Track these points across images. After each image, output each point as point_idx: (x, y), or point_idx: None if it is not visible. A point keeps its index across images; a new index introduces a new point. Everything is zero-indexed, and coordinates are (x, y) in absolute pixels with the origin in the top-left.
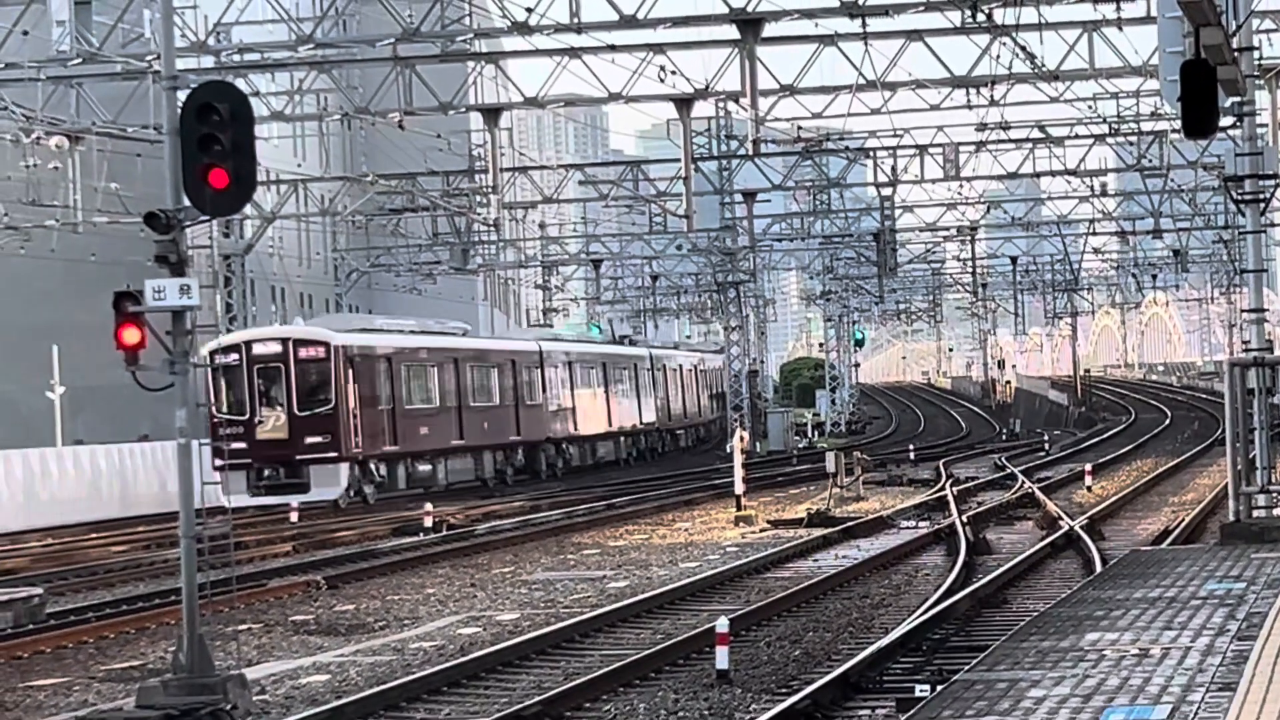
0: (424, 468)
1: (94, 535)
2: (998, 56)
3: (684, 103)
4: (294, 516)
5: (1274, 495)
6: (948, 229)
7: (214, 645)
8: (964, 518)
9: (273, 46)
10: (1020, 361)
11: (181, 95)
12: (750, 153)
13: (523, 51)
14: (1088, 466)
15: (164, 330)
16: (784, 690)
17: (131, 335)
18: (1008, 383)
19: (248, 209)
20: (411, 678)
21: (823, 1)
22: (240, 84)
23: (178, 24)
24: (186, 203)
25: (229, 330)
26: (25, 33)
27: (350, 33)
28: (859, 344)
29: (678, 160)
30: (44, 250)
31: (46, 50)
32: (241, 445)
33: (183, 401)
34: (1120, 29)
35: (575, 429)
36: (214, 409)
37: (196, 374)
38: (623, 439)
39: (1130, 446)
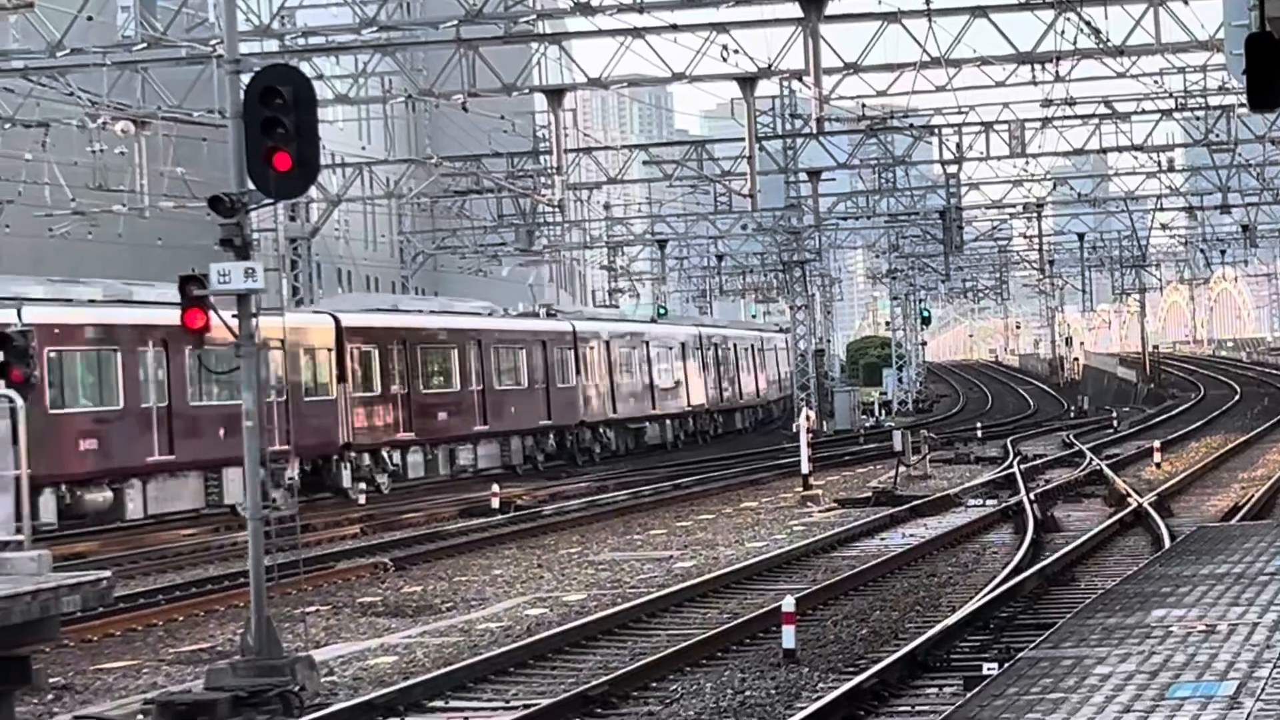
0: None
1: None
2: (1063, 32)
3: (748, 82)
4: (361, 499)
5: None
6: (1014, 206)
7: (282, 627)
8: (1031, 495)
9: (336, 29)
10: (1088, 338)
11: (245, 79)
12: (815, 131)
13: (586, 32)
14: (1156, 443)
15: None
16: (850, 669)
17: (197, 319)
18: (1075, 360)
19: (313, 192)
20: (478, 659)
21: None
22: (304, 67)
23: (241, 8)
24: (251, 186)
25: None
26: (90, 18)
27: (414, 15)
28: (925, 322)
29: (742, 139)
30: (111, 235)
31: (112, 36)
32: None
33: (249, 384)
34: (1186, 2)
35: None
36: None
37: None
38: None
39: (1199, 423)
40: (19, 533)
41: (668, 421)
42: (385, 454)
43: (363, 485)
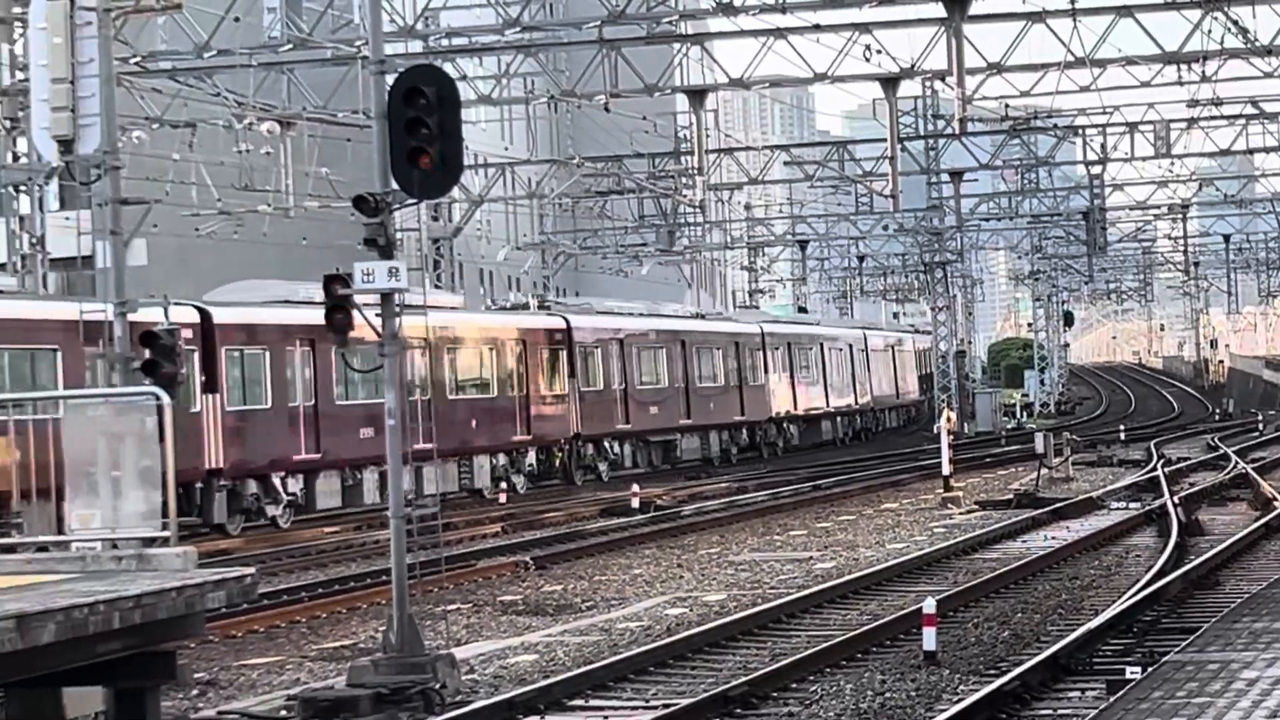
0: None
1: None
2: (1209, 31)
3: (890, 82)
4: (502, 498)
5: None
6: (1159, 207)
7: (423, 625)
8: (1175, 498)
9: (480, 30)
10: (1233, 340)
11: (390, 80)
12: (957, 132)
13: (728, 32)
14: None
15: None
16: (992, 671)
17: (341, 318)
18: (1220, 362)
19: (455, 192)
20: (618, 658)
21: None
22: (447, 68)
23: (386, 9)
24: (395, 186)
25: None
26: (237, 20)
27: (556, 16)
28: (1068, 323)
29: (884, 140)
30: (256, 235)
31: (258, 37)
32: None
33: (392, 383)
34: None
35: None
36: None
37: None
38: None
39: None
40: (165, 529)
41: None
42: (606, 444)
43: (502, 484)
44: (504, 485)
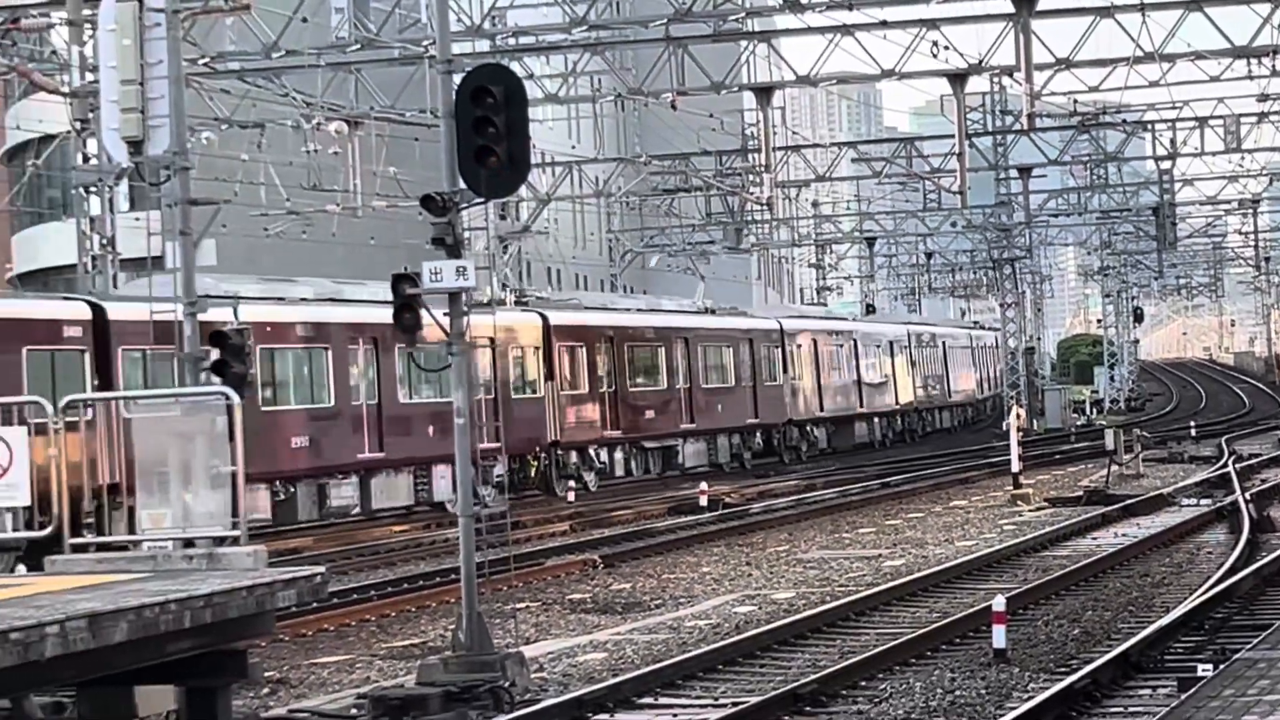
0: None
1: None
2: (1279, 25)
3: (958, 78)
4: (570, 495)
5: None
6: (1229, 202)
7: (493, 623)
8: (1247, 495)
9: (547, 29)
10: None
11: (457, 79)
12: (1025, 127)
13: (795, 30)
14: None
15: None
16: (1062, 669)
17: (409, 317)
18: None
19: (523, 191)
20: (687, 656)
21: None
22: (514, 67)
23: (453, 9)
24: (462, 185)
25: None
26: (305, 20)
27: (623, 14)
28: (1138, 319)
29: (952, 136)
30: (325, 234)
31: (326, 37)
32: None
33: (460, 381)
34: None
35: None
36: None
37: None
38: (876, 420)
39: None
40: (235, 528)
41: (875, 420)
42: (591, 452)
43: (571, 483)
44: (572, 485)
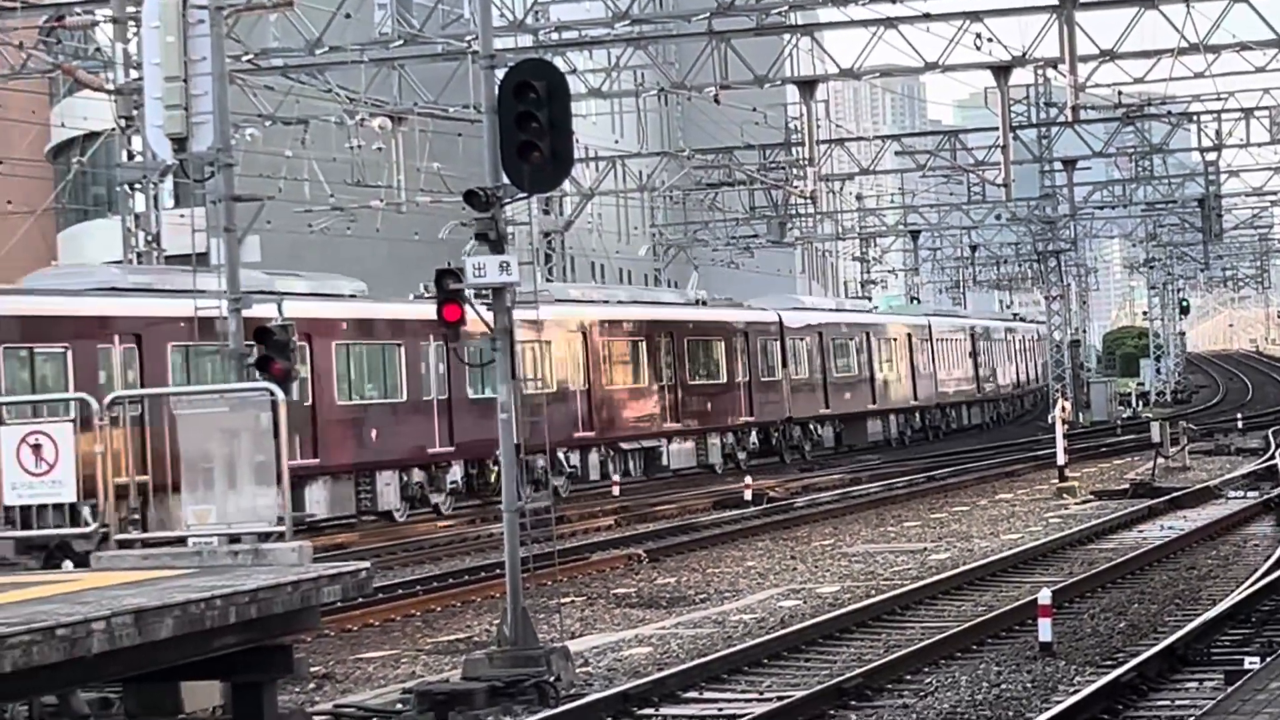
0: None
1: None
2: None
3: (1002, 71)
4: (615, 490)
5: None
6: (1275, 193)
7: (538, 618)
8: None
9: (589, 24)
10: None
11: (500, 74)
12: (1070, 120)
13: (838, 23)
14: None
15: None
16: (1108, 663)
17: (453, 312)
18: None
19: (566, 186)
20: (732, 650)
21: None
22: (557, 62)
23: (495, 4)
24: (505, 180)
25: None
26: (348, 16)
27: (666, 8)
28: (1184, 311)
29: (996, 129)
30: (369, 230)
31: (369, 33)
32: None
33: (504, 377)
34: None
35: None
36: None
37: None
38: (893, 418)
39: None
40: (281, 524)
41: (891, 417)
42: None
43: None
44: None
